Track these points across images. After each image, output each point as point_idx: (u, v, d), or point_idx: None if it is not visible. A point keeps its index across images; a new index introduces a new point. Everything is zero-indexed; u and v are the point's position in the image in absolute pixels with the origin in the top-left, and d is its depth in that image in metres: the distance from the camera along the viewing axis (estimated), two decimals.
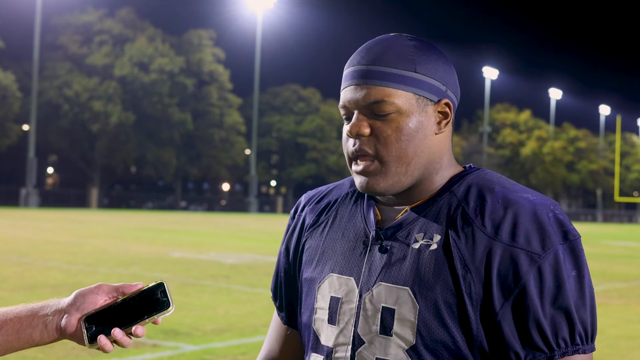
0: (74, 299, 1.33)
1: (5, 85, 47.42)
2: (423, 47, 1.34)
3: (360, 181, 1.33)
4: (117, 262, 13.98)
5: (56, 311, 1.33)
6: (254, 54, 58.93)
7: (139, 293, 1.32)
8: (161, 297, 1.31)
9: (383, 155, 1.30)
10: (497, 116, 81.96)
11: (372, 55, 1.32)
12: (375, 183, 1.32)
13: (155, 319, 1.30)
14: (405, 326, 1.26)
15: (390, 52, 1.32)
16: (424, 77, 1.31)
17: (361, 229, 1.38)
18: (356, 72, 1.33)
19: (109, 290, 1.34)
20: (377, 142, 1.31)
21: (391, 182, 1.31)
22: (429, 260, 1.27)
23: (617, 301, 11.32)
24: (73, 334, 1.31)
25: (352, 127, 1.32)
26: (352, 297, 1.33)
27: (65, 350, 6.24)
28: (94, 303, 1.32)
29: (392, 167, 1.31)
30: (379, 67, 1.31)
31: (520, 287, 1.22)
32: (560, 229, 1.25)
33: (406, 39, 1.34)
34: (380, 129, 1.30)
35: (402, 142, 1.30)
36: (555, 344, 1.23)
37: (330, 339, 1.35)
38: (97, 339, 1.29)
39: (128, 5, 57.21)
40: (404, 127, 1.30)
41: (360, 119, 1.31)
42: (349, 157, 1.35)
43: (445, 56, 1.37)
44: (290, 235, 1.52)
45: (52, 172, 69.57)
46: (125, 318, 1.31)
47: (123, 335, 1.30)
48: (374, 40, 1.36)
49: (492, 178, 1.34)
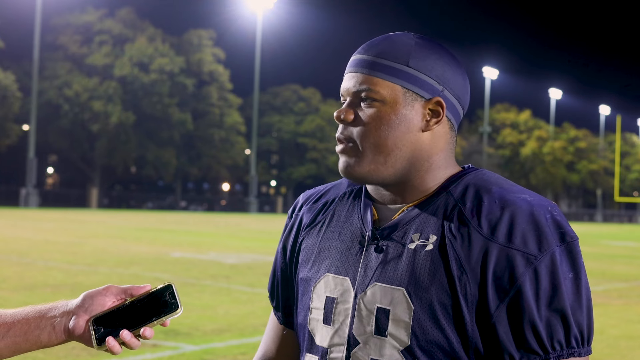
0: (82, 301, 1.33)
1: (5, 85, 47.38)
2: (426, 46, 1.34)
3: (341, 163, 1.35)
4: (117, 262, 13.97)
5: (64, 313, 1.32)
6: (254, 54, 58.95)
7: (148, 295, 1.32)
8: (169, 299, 1.31)
9: (361, 141, 1.32)
10: (497, 116, 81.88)
11: (371, 46, 1.35)
12: (351, 167, 1.33)
13: (163, 321, 1.30)
14: (400, 327, 1.26)
15: (388, 45, 1.34)
16: (416, 72, 1.31)
17: (358, 228, 1.37)
18: (352, 61, 1.37)
19: (117, 292, 1.34)
20: (358, 129, 1.33)
21: (367, 169, 1.32)
22: (424, 260, 1.26)
23: (617, 301, 11.31)
24: (81, 336, 1.31)
25: (338, 112, 1.34)
26: (347, 297, 1.33)
27: (66, 350, 6.23)
28: (102, 305, 1.32)
29: (369, 154, 1.32)
30: (372, 57, 1.33)
31: (515, 289, 1.21)
32: (557, 230, 1.24)
33: (411, 36, 1.36)
34: (364, 116, 1.32)
35: (381, 131, 1.31)
36: (550, 347, 1.21)
37: (325, 340, 1.34)
38: (105, 340, 1.29)
39: (128, 5, 57.21)
40: (385, 117, 1.31)
41: (348, 105, 1.34)
42: (337, 142, 1.38)
43: (455, 60, 1.36)
44: (287, 234, 1.52)
45: (52, 172, 69.52)
46: (133, 320, 1.30)
47: (131, 337, 1.30)
48: (382, 35, 1.38)
49: (490, 178, 1.33)
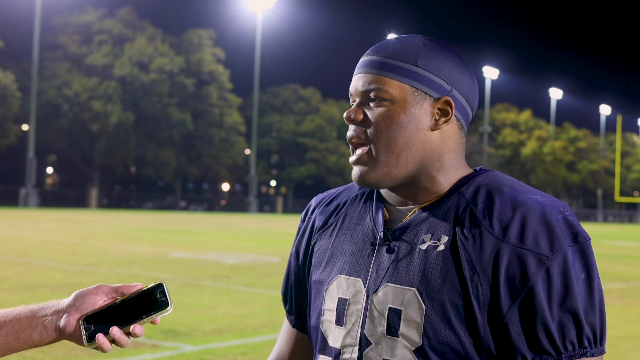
0: (73, 300, 1.34)
1: (4, 85, 47.40)
2: (434, 47, 1.35)
3: (355, 172, 1.36)
4: (117, 262, 13.97)
5: (55, 311, 1.33)
6: (254, 54, 58.94)
7: (139, 293, 1.33)
8: (160, 297, 1.32)
9: (373, 142, 1.33)
10: (497, 116, 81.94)
11: (380, 48, 1.37)
12: (366, 173, 1.33)
13: (153, 319, 1.31)
14: (412, 327, 1.26)
15: (396, 46, 1.35)
16: (425, 71, 1.33)
17: (369, 230, 1.38)
18: (362, 62, 1.38)
19: (109, 290, 1.35)
20: (368, 128, 1.33)
21: (381, 173, 1.32)
22: (436, 261, 1.27)
23: (618, 301, 11.31)
24: (72, 334, 1.32)
25: (348, 112, 1.35)
26: (359, 298, 1.33)
27: (65, 350, 6.23)
28: (93, 303, 1.33)
29: (382, 156, 1.32)
30: (380, 57, 1.34)
31: (527, 289, 1.21)
32: (569, 230, 1.24)
33: (419, 38, 1.37)
34: (373, 116, 1.33)
35: (391, 131, 1.31)
36: (562, 347, 1.21)
37: (338, 340, 1.35)
38: (95, 338, 1.30)
39: (128, 5, 57.21)
40: (395, 116, 1.31)
41: (358, 105, 1.35)
42: (350, 145, 1.38)
43: (463, 61, 1.37)
44: (300, 237, 1.53)
45: (52, 172, 69.52)
46: (124, 318, 1.31)
47: (121, 334, 1.30)
48: (390, 38, 1.40)
49: (502, 180, 1.33)
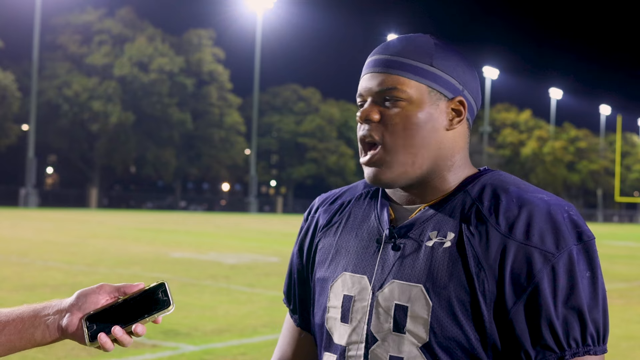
0: (75, 299, 1.34)
1: (4, 85, 47.41)
2: (445, 47, 1.36)
3: (368, 172, 1.35)
4: (117, 262, 13.97)
5: (58, 311, 1.34)
6: (254, 54, 58.90)
7: (141, 293, 1.33)
8: (162, 297, 1.32)
9: (389, 143, 1.31)
10: (497, 116, 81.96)
11: (392, 46, 1.36)
12: (382, 173, 1.32)
13: (155, 318, 1.32)
14: (419, 323, 1.26)
15: (409, 45, 1.35)
16: (440, 72, 1.33)
17: (374, 227, 1.38)
18: (374, 61, 1.36)
19: (111, 290, 1.35)
20: (385, 129, 1.32)
21: (397, 173, 1.32)
22: (442, 258, 1.27)
23: (618, 301, 11.29)
24: (74, 333, 1.32)
25: (362, 112, 1.33)
26: (364, 295, 1.33)
27: (65, 350, 6.22)
28: (95, 303, 1.33)
29: (399, 156, 1.31)
30: (395, 57, 1.33)
31: (533, 286, 1.22)
32: (574, 229, 1.25)
33: (429, 37, 1.37)
34: (390, 116, 1.32)
35: (409, 131, 1.31)
36: (566, 344, 1.22)
37: (343, 338, 1.35)
38: (97, 337, 1.30)
39: (128, 5, 57.20)
40: (413, 116, 1.31)
41: (372, 105, 1.33)
42: (360, 144, 1.36)
43: (470, 62, 1.38)
44: (303, 236, 1.52)
45: (52, 172, 69.51)
46: (126, 317, 1.32)
47: (123, 334, 1.31)
48: (399, 36, 1.39)
49: (507, 179, 1.34)
